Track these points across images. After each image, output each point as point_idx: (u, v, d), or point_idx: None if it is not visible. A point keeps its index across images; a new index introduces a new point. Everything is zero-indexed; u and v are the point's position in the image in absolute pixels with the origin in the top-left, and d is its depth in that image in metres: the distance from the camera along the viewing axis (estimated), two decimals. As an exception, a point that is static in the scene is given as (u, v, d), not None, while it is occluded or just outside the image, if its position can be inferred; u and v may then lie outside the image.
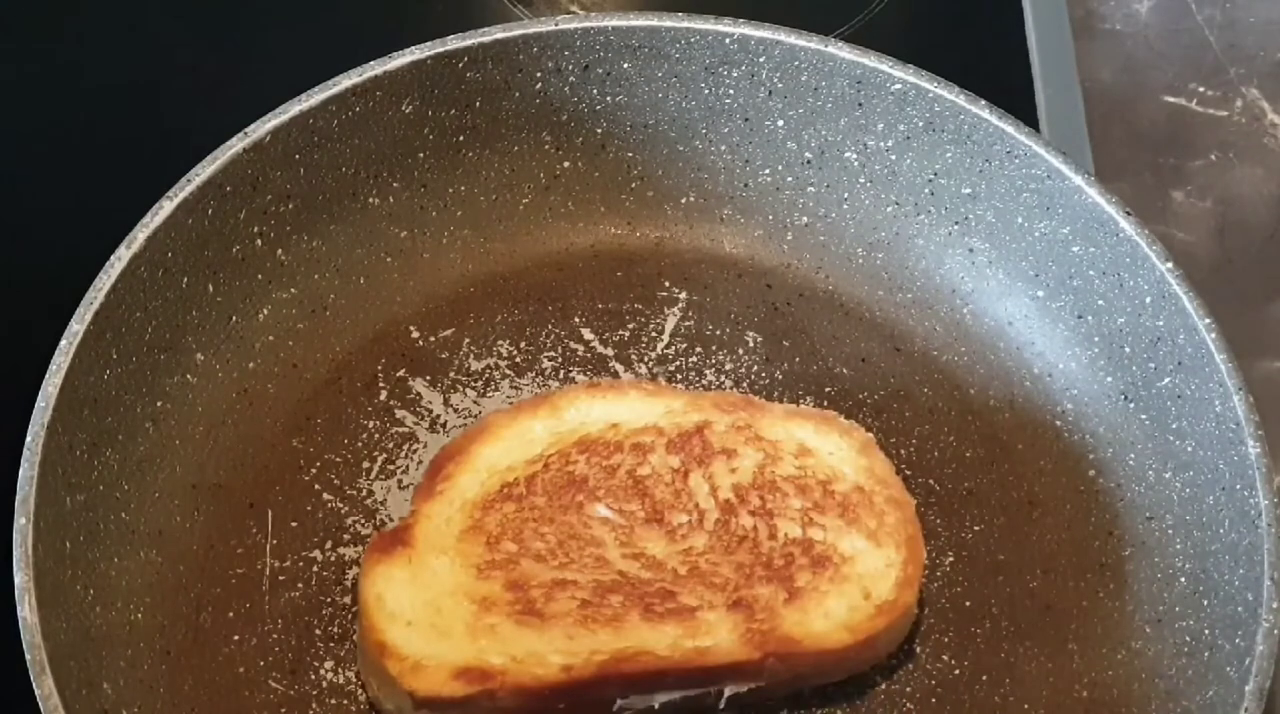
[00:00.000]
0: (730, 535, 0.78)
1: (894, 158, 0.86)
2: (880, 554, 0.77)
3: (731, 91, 0.87)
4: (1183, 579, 0.78)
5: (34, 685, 0.68)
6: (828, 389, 0.85)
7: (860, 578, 0.77)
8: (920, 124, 0.85)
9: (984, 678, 0.78)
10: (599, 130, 0.88)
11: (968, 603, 0.80)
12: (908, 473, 0.82)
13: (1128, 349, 0.82)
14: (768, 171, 0.89)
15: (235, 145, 0.80)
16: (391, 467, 0.82)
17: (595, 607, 0.75)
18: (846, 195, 0.88)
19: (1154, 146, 1.01)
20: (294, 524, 0.80)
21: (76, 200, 0.95)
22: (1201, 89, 1.03)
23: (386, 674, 0.74)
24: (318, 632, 0.78)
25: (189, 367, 0.81)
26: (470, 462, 0.79)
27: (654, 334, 0.87)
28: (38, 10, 1.03)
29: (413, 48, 0.83)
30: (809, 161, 0.88)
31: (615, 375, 0.86)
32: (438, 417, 0.84)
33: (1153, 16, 1.06)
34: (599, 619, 0.75)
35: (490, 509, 0.78)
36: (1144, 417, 0.81)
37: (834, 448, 0.80)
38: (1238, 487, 0.75)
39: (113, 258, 0.77)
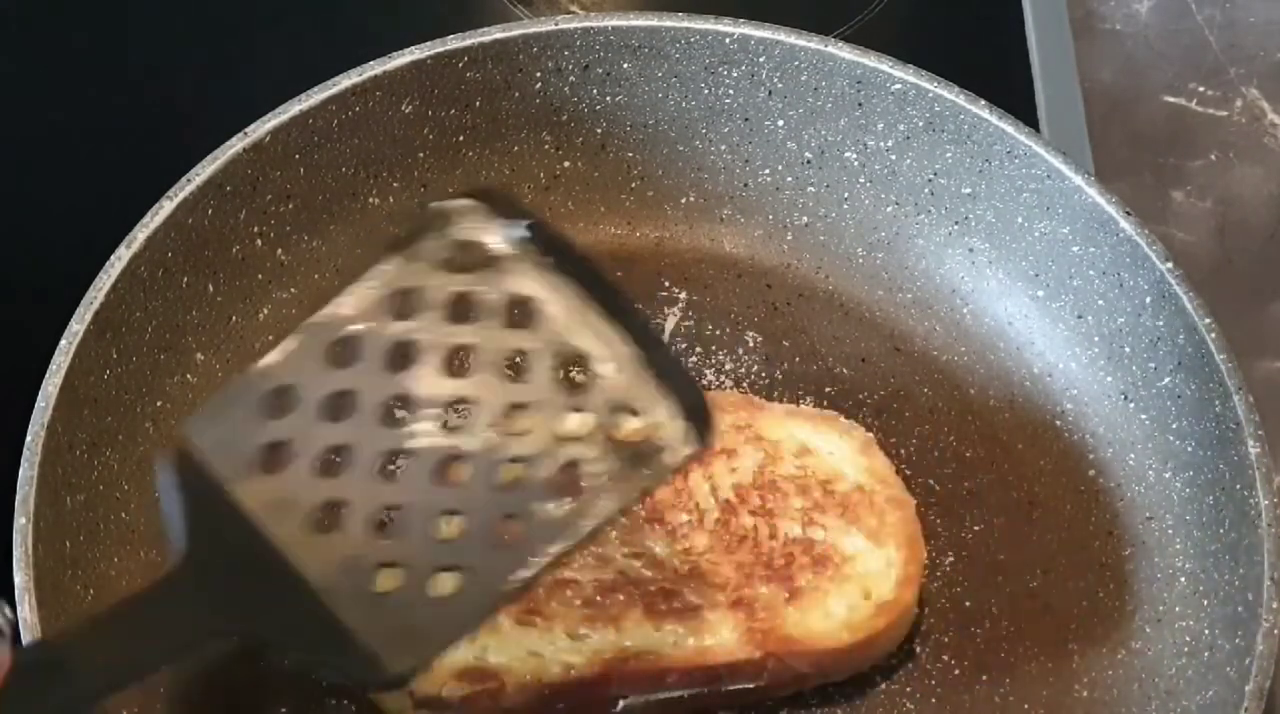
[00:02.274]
0: (731, 535, 0.78)
1: (894, 158, 0.86)
2: (881, 554, 0.77)
3: (731, 91, 0.87)
4: (1183, 579, 0.78)
5: (34, 685, 0.68)
6: (828, 389, 0.85)
7: (861, 577, 0.77)
8: (920, 124, 0.85)
9: (984, 678, 0.78)
10: (599, 130, 0.88)
11: (968, 603, 0.80)
12: (908, 473, 0.82)
13: (1128, 349, 0.82)
14: (768, 171, 0.89)
15: (235, 145, 0.80)
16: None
17: (596, 606, 0.75)
18: (846, 195, 0.88)
19: (1154, 146, 1.01)
20: (294, 524, 0.80)
21: (76, 200, 0.95)
22: (1201, 89, 1.03)
23: (387, 674, 0.73)
24: (318, 632, 0.78)
25: (189, 366, 0.81)
26: (470, 461, 0.79)
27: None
28: (38, 10, 1.03)
29: (413, 48, 0.83)
30: (809, 161, 0.88)
31: (615, 375, 0.85)
32: (438, 416, 0.84)
33: (1153, 16, 1.06)
34: (600, 618, 0.75)
35: (491, 508, 0.78)
36: (1144, 416, 0.81)
37: (834, 448, 0.80)
38: (1238, 486, 0.75)
39: (113, 258, 0.77)
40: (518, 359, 0.62)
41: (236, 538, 0.58)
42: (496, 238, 0.62)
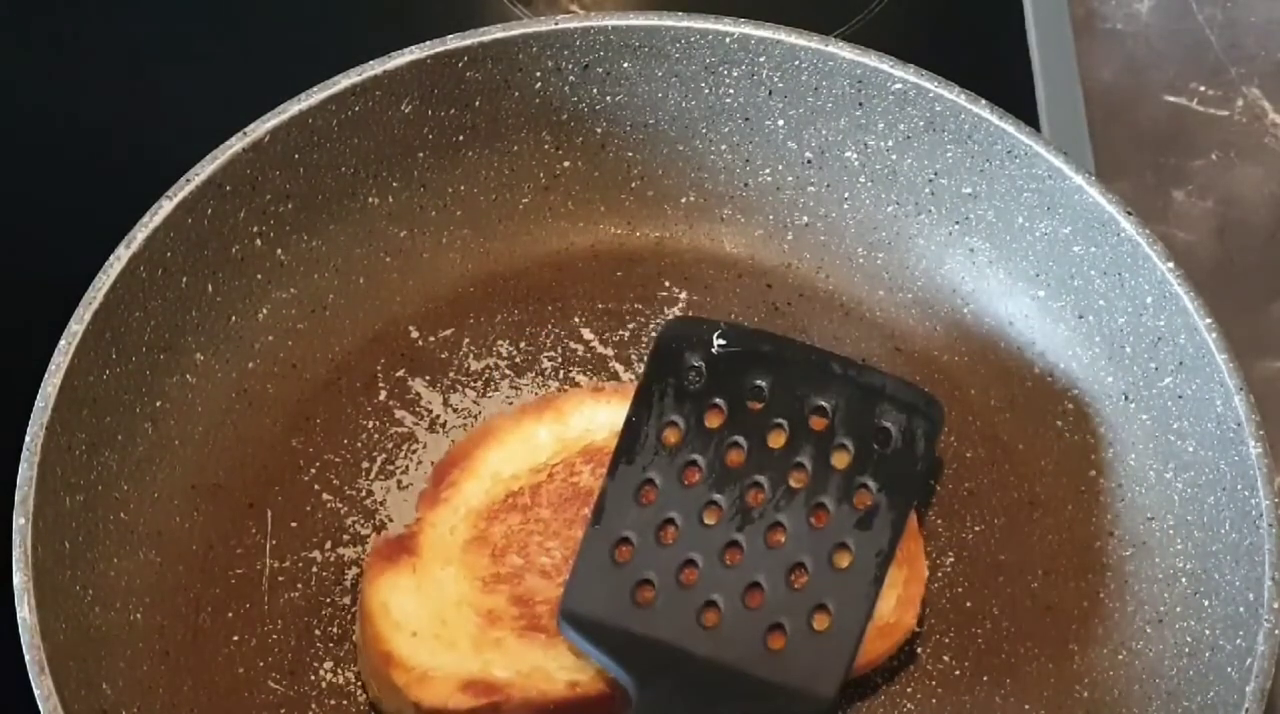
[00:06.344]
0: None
1: (894, 157, 0.86)
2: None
3: (732, 91, 0.87)
4: (1184, 580, 0.78)
5: (33, 685, 0.68)
6: (828, 389, 0.85)
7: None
8: (921, 124, 0.85)
9: (985, 679, 0.78)
10: (599, 130, 0.88)
11: (968, 604, 0.80)
12: (908, 473, 0.82)
13: (1129, 349, 0.82)
14: (768, 171, 0.89)
15: (235, 145, 0.80)
16: (391, 467, 0.82)
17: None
18: (847, 195, 0.88)
19: (1155, 146, 1.01)
20: (293, 524, 0.80)
21: (76, 200, 0.95)
22: (1202, 88, 1.03)
23: (392, 684, 0.73)
24: (317, 632, 0.78)
25: (189, 367, 0.80)
26: (474, 468, 0.79)
27: (654, 334, 0.86)
28: (37, 10, 1.03)
29: (413, 47, 0.83)
30: (809, 161, 0.88)
31: (615, 376, 0.86)
32: (437, 417, 0.84)
33: (1153, 16, 1.06)
34: (606, 636, 0.74)
35: (495, 519, 0.77)
36: (1145, 417, 0.81)
37: (836, 457, 0.80)
38: (1239, 487, 0.75)
39: (112, 258, 0.76)
40: (772, 434, 0.75)
41: (656, 656, 0.71)
42: (709, 353, 0.77)
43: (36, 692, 0.68)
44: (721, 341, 0.77)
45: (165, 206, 0.78)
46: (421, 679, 0.73)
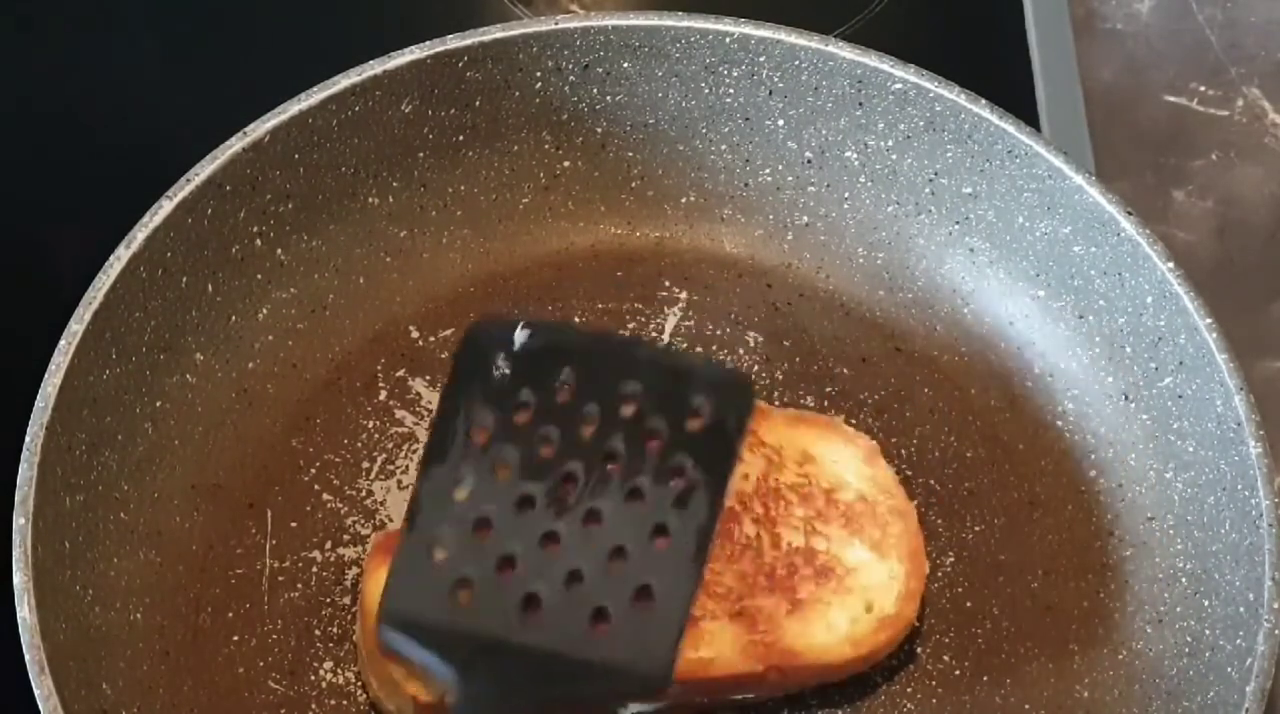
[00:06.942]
0: (733, 544, 0.77)
1: (894, 157, 0.86)
2: (884, 566, 0.77)
3: (732, 91, 0.87)
4: (1184, 580, 0.78)
5: (33, 685, 0.68)
6: (828, 389, 0.85)
7: (863, 590, 0.76)
8: (921, 123, 0.85)
9: (985, 679, 0.78)
10: (599, 130, 0.88)
11: (969, 604, 0.80)
12: (908, 473, 0.82)
13: (1129, 349, 0.82)
14: (768, 171, 0.89)
15: (235, 145, 0.80)
16: (391, 467, 0.82)
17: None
18: (847, 195, 0.88)
19: (1155, 146, 1.01)
20: (293, 524, 0.80)
21: (76, 200, 0.95)
22: (1202, 89, 1.03)
23: (390, 678, 0.73)
24: (317, 632, 0.78)
25: (189, 367, 0.80)
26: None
27: (654, 334, 0.87)
28: (36, 9, 1.03)
29: (413, 47, 0.83)
30: (809, 161, 0.88)
31: (615, 375, 0.85)
32: (437, 417, 0.84)
33: (1154, 16, 1.06)
34: (599, 626, 0.74)
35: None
36: (1145, 417, 0.81)
37: (837, 456, 0.80)
38: (1239, 487, 0.75)
39: (112, 258, 0.76)
40: (582, 424, 0.71)
41: (477, 648, 0.69)
42: (513, 351, 0.73)
43: (36, 692, 0.68)
44: (524, 338, 0.74)
45: (165, 206, 0.78)
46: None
